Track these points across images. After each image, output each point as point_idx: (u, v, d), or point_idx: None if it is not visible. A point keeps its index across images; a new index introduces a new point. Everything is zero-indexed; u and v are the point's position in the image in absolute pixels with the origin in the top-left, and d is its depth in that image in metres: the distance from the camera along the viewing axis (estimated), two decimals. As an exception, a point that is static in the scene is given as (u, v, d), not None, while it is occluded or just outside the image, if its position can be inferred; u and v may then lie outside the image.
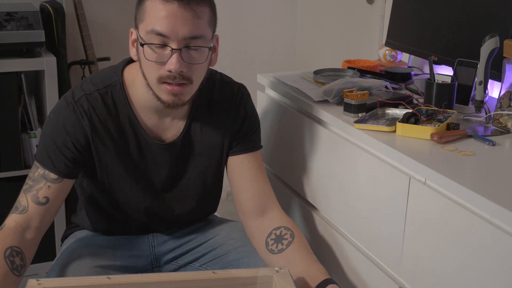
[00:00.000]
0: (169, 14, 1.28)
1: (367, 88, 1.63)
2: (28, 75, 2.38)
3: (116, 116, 1.42)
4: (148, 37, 1.31)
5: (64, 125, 1.38)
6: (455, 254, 1.18)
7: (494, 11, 1.64)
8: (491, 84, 1.67)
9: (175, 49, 1.30)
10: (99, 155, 1.42)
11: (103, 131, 1.40)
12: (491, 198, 1.08)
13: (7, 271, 1.25)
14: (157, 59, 1.31)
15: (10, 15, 2.26)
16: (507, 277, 1.06)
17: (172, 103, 1.35)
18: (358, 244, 1.51)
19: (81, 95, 1.40)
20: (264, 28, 3.14)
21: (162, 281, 1.13)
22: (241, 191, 1.51)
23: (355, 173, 1.50)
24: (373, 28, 2.50)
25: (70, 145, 1.38)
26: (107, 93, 1.41)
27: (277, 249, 1.40)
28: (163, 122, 1.45)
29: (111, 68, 1.46)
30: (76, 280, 1.15)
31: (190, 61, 1.32)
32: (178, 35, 1.29)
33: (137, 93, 1.42)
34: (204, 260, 1.56)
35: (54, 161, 1.37)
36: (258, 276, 1.16)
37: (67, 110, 1.39)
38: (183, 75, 1.32)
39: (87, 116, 1.38)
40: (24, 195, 1.37)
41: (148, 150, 1.45)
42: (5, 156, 2.31)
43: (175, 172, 1.50)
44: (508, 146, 1.36)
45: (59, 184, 1.38)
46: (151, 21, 1.30)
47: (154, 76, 1.33)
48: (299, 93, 1.73)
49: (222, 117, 1.49)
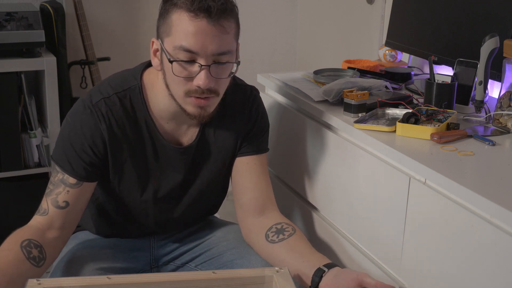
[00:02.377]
0: (198, 31, 1.27)
1: (367, 88, 1.63)
2: (28, 75, 2.38)
3: (134, 120, 1.41)
4: (175, 52, 1.30)
5: (82, 129, 1.37)
6: (455, 254, 1.18)
7: (494, 11, 1.64)
8: (491, 84, 1.67)
9: (204, 66, 1.30)
10: (115, 159, 1.41)
11: (120, 135, 1.40)
12: (491, 198, 1.08)
13: (23, 259, 1.26)
14: (185, 75, 1.31)
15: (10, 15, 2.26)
16: (507, 277, 1.06)
17: (198, 115, 1.36)
18: (358, 244, 1.51)
19: (99, 98, 1.38)
20: (264, 28, 3.14)
21: (162, 281, 1.13)
22: (243, 192, 1.52)
23: (355, 173, 1.50)
24: (373, 28, 2.50)
25: (88, 149, 1.37)
26: (126, 96, 1.40)
27: (278, 238, 1.40)
28: (180, 128, 1.46)
29: (130, 72, 1.45)
30: (76, 280, 1.15)
31: (218, 76, 1.33)
32: (207, 52, 1.29)
33: (156, 98, 1.42)
34: (200, 260, 1.57)
35: (73, 164, 1.36)
36: (258, 276, 1.16)
37: (84, 113, 1.37)
38: (210, 89, 1.33)
39: (105, 120, 1.37)
40: (45, 198, 1.38)
41: (164, 154, 1.45)
42: (5, 156, 2.32)
43: (190, 176, 1.50)
44: (508, 146, 1.36)
45: (78, 188, 1.38)
46: (179, 36, 1.29)
47: (181, 90, 1.33)
48: (299, 93, 1.73)
49: (235, 119, 1.50)
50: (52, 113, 2.34)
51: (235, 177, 1.54)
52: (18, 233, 1.33)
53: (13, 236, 1.32)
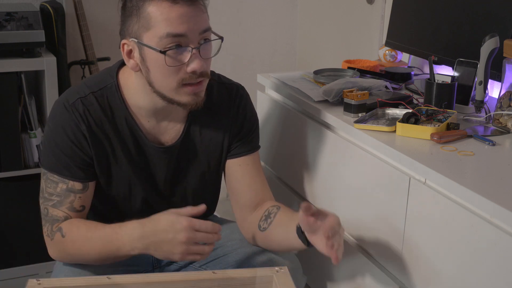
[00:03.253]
0: (181, 14, 1.28)
1: (367, 88, 1.63)
2: (28, 75, 2.38)
3: (113, 119, 1.40)
4: (163, 42, 1.29)
5: (65, 131, 1.36)
6: (455, 254, 1.18)
7: (494, 11, 1.64)
8: (491, 84, 1.67)
9: (194, 48, 1.30)
10: (99, 158, 1.40)
11: (101, 134, 1.39)
12: (491, 198, 1.08)
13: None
14: (178, 63, 1.30)
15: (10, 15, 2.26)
16: (507, 277, 1.06)
17: (195, 103, 1.35)
18: (358, 244, 1.51)
19: (75, 98, 1.37)
20: (264, 28, 3.14)
21: (162, 281, 1.13)
22: (240, 194, 1.51)
23: (355, 173, 1.50)
24: (373, 28, 2.50)
25: (76, 150, 1.37)
26: (103, 95, 1.39)
27: (267, 224, 1.41)
28: (160, 125, 1.44)
29: (106, 70, 1.44)
30: (76, 280, 1.15)
31: (206, 56, 1.33)
32: (194, 32, 1.29)
33: (133, 96, 1.40)
34: (204, 261, 1.56)
35: (70, 169, 1.36)
36: (258, 276, 1.16)
37: (63, 115, 1.37)
38: (203, 72, 1.33)
39: (83, 120, 1.36)
40: (57, 209, 1.37)
41: (147, 152, 1.44)
42: (5, 156, 2.31)
43: (174, 175, 1.49)
44: (508, 146, 1.36)
45: (87, 190, 1.39)
46: (163, 25, 1.28)
47: (173, 81, 1.32)
48: (299, 93, 1.73)
49: (221, 119, 1.49)
50: (52, 113, 2.34)
51: (229, 180, 1.53)
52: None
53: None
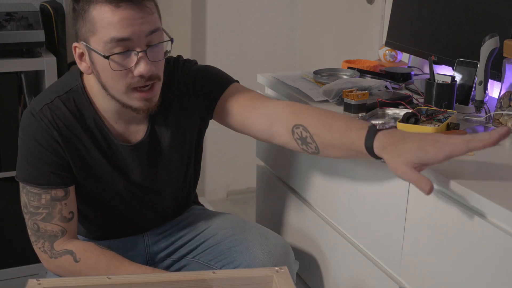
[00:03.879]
0: (124, 18, 1.24)
1: (367, 88, 1.63)
2: (28, 75, 2.38)
3: (82, 120, 1.39)
4: (108, 47, 1.25)
5: (36, 140, 1.35)
6: (455, 254, 1.18)
7: (494, 11, 1.64)
8: (491, 84, 1.67)
9: (141, 51, 1.26)
10: (74, 161, 1.39)
11: (72, 136, 1.38)
12: (491, 198, 1.08)
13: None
14: (124, 67, 1.27)
15: (10, 15, 2.26)
16: (506, 277, 1.06)
17: (146, 108, 1.33)
18: (358, 244, 1.51)
19: (42, 105, 1.35)
20: (264, 28, 3.14)
21: (162, 281, 1.13)
22: (245, 126, 1.44)
23: (355, 173, 1.50)
24: (373, 28, 2.50)
25: (52, 156, 1.36)
26: (69, 98, 1.37)
27: (313, 148, 1.32)
28: (129, 127, 1.44)
29: (69, 74, 1.43)
30: (76, 280, 1.15)
31: (155, 58, 1.29)
32: (139, 35, 1.25)
33: (97, 99, 1.39)
34: (197, 252, 1.57)
35: (48, 177, 1.35)
36: (258, 276, 1.16)
37: (32, 124, 1.35)
38: (152, 75, 1.30)
39: (53, 126, 1.35)
40: (49, 223, 1.37)
41: (118, 151, 1.44)
42: (5, 156, 2.32)
43: (149, 171, 1.48)
44: (508, 146, 1.36)
45: (69, 195, 1.39)
46: (106, 30, 1.24)
47: (121, 85, 1.29)
48: (299, 93, 1.73)
49: (178, 100, 1.45)
50: (52, 113, 2.34)
51: (227, 121, 1.46)
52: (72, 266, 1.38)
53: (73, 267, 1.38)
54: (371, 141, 1.17)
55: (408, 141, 1.11)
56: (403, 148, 1.11)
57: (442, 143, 1.08)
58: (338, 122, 1.26)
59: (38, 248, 1.39)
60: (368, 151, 1.19)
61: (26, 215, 1.38)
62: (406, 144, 1.11)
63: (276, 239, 1.51)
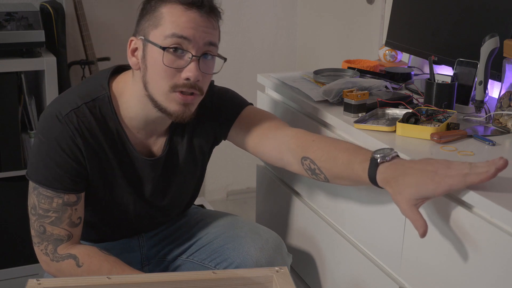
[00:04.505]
0: (190, 20, 1.29)
1: (367, 88, 1.63)
2: (28, 75, 2.38)
3: (106, 130, 1.39)
4: (167, 41, 1.30)
5: (59, 145, 1.34)
6: (455, 254, 1.18)
7: (494, 11, 1.64)
8: (491, 84, 1.67)
9: (195, 56, 1.30)
10: (93, 169, 1.39)
11: (95, 145, 1.38)
12: (491, 198, 1.08)
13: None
14: (175, 65, 1.30)
15: (10, 15, 2.26)
16: (507, 277, 1.06)
17: (182, 114, 1.34)
18: (358, 244, 1.51)
19: (68, 110, 1.35)
20: (264, 28, 3.14)
21: (162, 281, 1.13)
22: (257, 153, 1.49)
23: (355, 173, 1.50)
24: (373, 28, 2.50)
25: (71, 162, 1.35)
26: (95, 106, 1.38)
27: (323, 178, 1.37)
28: (150, 138, 1.45)
29: (96, 80, 1.43)
30: (76, 280, 1.15)
31: (205, 70, 1.33)
32: (199, 41, 1.30)
33: (126, 106, 1.40)
34: (190, 251, 1.58)
35: (64, 182, 1.35)
36: (258, 276, 1.16)
37: (56, 128, 1.34)
38: (197, 85, 1.33)
39: (78, 132, 1.35)
40: (57, 227, 1.36)
41: (137, 164, 1.44)
42: (5, 156, 2.32)
43: (161, 186, 1.50)
44: (508, 146, 1.36)
45: (80, 201, 1.39)
46: (171, 25, 1.29)
47: (166, 84, 1.31)
48: (299, 93, 1.73)
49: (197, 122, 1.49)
50: (52, 113, 2.34)
51: (241, 144, 1.52)
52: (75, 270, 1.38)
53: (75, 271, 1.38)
54: (374, 175, 1.21)
55: (409, 175, 1.15)
56: (404, 183, 1.15)
57: (441, 177, 1.11)
58: (343, 154, 1.30)
59: (40, 250, 1.39)
60: (372, 183, 1.23)
61: (33, 216, 1.37)
62: (406, 179, 1.15)
63: (267, 234, 1.53)
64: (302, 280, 1.78)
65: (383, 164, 1.20)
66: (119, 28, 2.83)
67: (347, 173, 1.29)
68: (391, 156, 1.21)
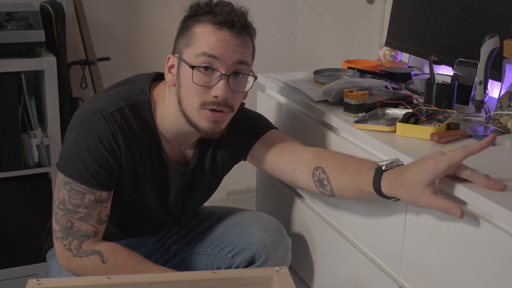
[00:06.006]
0: (220, 39, 1.32)
1: (367, 88, 1.63)
2: (28, 75, 2.38)
3: (144, 134, 1.41)
4: (197, 60, 1.32)
5: (101, 141, 1.35)
6: (455, 254, 1.18)
7: (494, 11, 1.64)
8: (491, 84, 1.67)
9: (223, 75, 1.32)
10: (127, 170, 1.40)
11: (133, 147, 1.39)
12: (491, 198, 1.08)
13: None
14: (204, 83, 1.32)
15: (10, 15, 2.26)
16: (507, 277, 1.06)
17: (211, 130, 1.36)
18: (358, 244, 1.51)
19: (113, 109, 1.36)
20: (264, 28, 3.14)
21: (162, 281, 1.13)
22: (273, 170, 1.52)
23: (355, 173, 1.50)
24: (373, 28, 2.50)
25: (110, 160, 1.36)
26: (136, 110, 1.40)
27: (329, 191, 1.39)
28: (179, 148, 1.48)
29: (138, 85, 1.44)
30: (76, 280, 1.15)
31: (235, 88, 1.35)
32: (228, 60, 1.33)
33: (162, 115, 1.42)
34: (192, 242, 1.61)
35: (98, 179, 1.35)
36: (258, 276, 1.16)
37: (100, 124, 1.35)
38: (227, 102, 1.35)
39: (121, 131, 1.36)
40: (85, 223, 1.36)
41: (168, 172, 1.47)
42: (5, 156, 2.31)
43: (184, 195, 1.53)
44: (508, 146, 1.36)
45: (110, 199, 1.40)
46: (202, 45, 1.32)
47: (197, 101, 1.34)
48: (299, 93, 1.73)
49: (224, 140, 1.51)
50: (52, 113, 2.34)
51: (260, 166, 1.54)
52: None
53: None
54: (378, 183, 1.23)
55: (409, 169, 1.17)
56: (407, 177, 1.16)
57: (440, 155, 1.14)
58: (352, 164, 1.33)
59: (62, 246, 1.38)
60: (377, 193, 1.24)
61: (61, 211, 1.36)
62: (408, 171, 1.17)
63: (268, 217, 1.59)
64: (302, 280, 1.78)
65: (387, 171, 1.23)
66: (119, 28, 2.83)
67: (354, 183, 1.31)
68: (396, 163, 1.23)
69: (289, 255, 1.61)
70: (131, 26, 2.87)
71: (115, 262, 1.37)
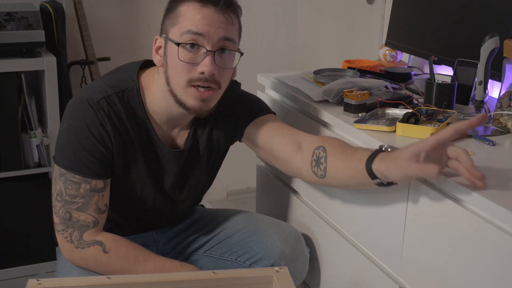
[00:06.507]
0: (205, 16, 1.33)
1: (367, 88, 1.63)
2: (28, 75, 2.38)
3: (133, 121, 1.42)
4: (183, 37, 1.33)
5: (89, 129, 1.36)
6: (455, 254, 1.18)
7: (494, 11, 1.64)
8: (491, 84, 1.67)
9: (209, 51, 1.33)
10: (119, 157, 1.41)
11: (122, 133, 1.40)
12: (491, 198, 1.08)
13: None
14: (190, 60, 1.33)
15: (10, 15, 2.26)
16: (507, 277, 1.06)
17: (199, 109, 1.37)
18: (358, 244, 1.51)
19: (100, 97, 1.37)
20: (264, 28, 3.14)
21: (162, 281, 1.13)
22: (272, 152, 1.49)
23: (355, 173, 1.49)
24: (373, 28, 2.50)
25: (100, 147, 1.37)
26: (124, 97, 1.41)
27: (322, 171, 1.39)
28: (172, 131, 1.48)
29: (126, 72, 1.46)
30: (76, 280, 1.15)
31: (221, 65, 1.35)
32: (213, 36, 1.33)
33: (152, 99, 1.43)
34: (208, 245, 1.60)
35: (92, 168, 1.36)
36: (258, 276, 1.16)
37: (87, 113, 1.36)
38: (214, 79, 1.35)
39: (109, 119, 1.37)
40: (84, 213, 1.37)
41: (161, 156, 1.47)
42: (5, 156, 2.32)
43: (181, 179, 1.52)
44: (508, 146, 1.36)
45: (107, 188, 1.40)
46: (187, 23, 1.33)
47: (183, 78, 1.35)
48: (299, 93, 1.73)
49: (219, 119, 1.51)
50: (52, 113, 2.34)
51: (257, 147, 1.53)
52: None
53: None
54: (373, 158, 1.24)
55: (401, 149, 1.21)
56: (397, 152, 1.20)
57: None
58: (351, 148, 1.36)
59: (64, 238, 1.39)
60: (366, 168, 1.24)
61: (58, 203, 1.38)
62: (399, 150, 1.21)
63: (288, 226, 1.59)
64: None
65: (382, 152, 1.25)
66: (119, 28, 2.83)
67: (349, 160, 1.31)
68: (393, 148, 1.26)
69: (307, 266, 1.61)
70: (131, 26, 2.86)
71: (116, 252, 1.37)
